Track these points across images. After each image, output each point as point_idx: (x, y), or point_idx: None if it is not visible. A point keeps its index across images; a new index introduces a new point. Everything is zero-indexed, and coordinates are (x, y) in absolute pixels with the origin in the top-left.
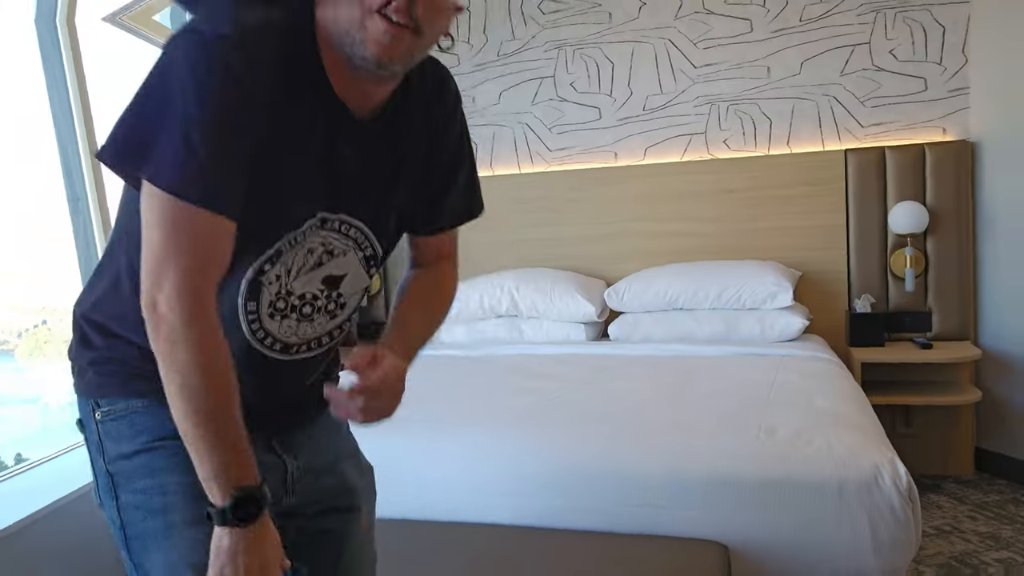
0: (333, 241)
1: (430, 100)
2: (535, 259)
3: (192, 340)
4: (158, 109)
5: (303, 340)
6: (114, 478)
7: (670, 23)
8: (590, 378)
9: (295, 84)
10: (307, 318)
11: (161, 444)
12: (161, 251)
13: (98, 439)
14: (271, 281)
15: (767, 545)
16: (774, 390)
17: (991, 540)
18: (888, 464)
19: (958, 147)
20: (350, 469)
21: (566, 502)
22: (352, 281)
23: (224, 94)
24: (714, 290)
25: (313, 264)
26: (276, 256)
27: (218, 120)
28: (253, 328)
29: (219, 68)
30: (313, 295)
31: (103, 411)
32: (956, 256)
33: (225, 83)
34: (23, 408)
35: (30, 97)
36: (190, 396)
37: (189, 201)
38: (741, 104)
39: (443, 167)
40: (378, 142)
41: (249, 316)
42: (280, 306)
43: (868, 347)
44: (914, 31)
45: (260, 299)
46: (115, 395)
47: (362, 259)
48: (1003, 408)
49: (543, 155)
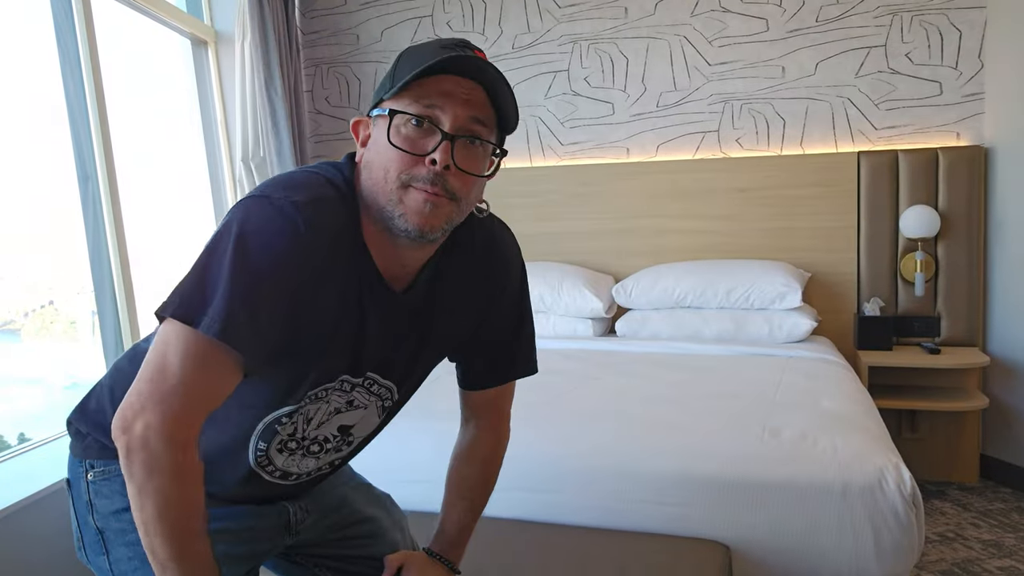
0: (357, 397)
1: (482, 275)
2: (544, 253)
3: (176, 470)
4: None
5: (304, 471)
6: (104, 534)
7: (686, 20)
8: (596, 374)
9: (339, 256)
10: (314, 455)
11: None
12: (169, 376)
13: (88, 499)
14: (287, 428)
15: (769, 546)
16: (780, 391)
17: (994, 548)
18: (893, 468)
19: (972, 152)
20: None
21: (568, 497)
22: (365, 426)
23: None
24: (723, 289)
25: (332, 413)
26: (295, 411)
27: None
28: (259, 458)
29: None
30: (325, 438)
31: (97, 471)
32: (967, 262)
33: (281, 247)
34: (28, 388)
35: (42, 76)
36: (165, 521)
37: (212, 335)
38: (755, 103)
39: (495, 334)
40: (410, 315)
41: (258, 452)
42: (291, 446)
43: (876, 350)
44: (930, 35)
45: (272, 440)
46: (112, 458)
47: (380, 408)
48: (1010, 415)
49: (555, 149)
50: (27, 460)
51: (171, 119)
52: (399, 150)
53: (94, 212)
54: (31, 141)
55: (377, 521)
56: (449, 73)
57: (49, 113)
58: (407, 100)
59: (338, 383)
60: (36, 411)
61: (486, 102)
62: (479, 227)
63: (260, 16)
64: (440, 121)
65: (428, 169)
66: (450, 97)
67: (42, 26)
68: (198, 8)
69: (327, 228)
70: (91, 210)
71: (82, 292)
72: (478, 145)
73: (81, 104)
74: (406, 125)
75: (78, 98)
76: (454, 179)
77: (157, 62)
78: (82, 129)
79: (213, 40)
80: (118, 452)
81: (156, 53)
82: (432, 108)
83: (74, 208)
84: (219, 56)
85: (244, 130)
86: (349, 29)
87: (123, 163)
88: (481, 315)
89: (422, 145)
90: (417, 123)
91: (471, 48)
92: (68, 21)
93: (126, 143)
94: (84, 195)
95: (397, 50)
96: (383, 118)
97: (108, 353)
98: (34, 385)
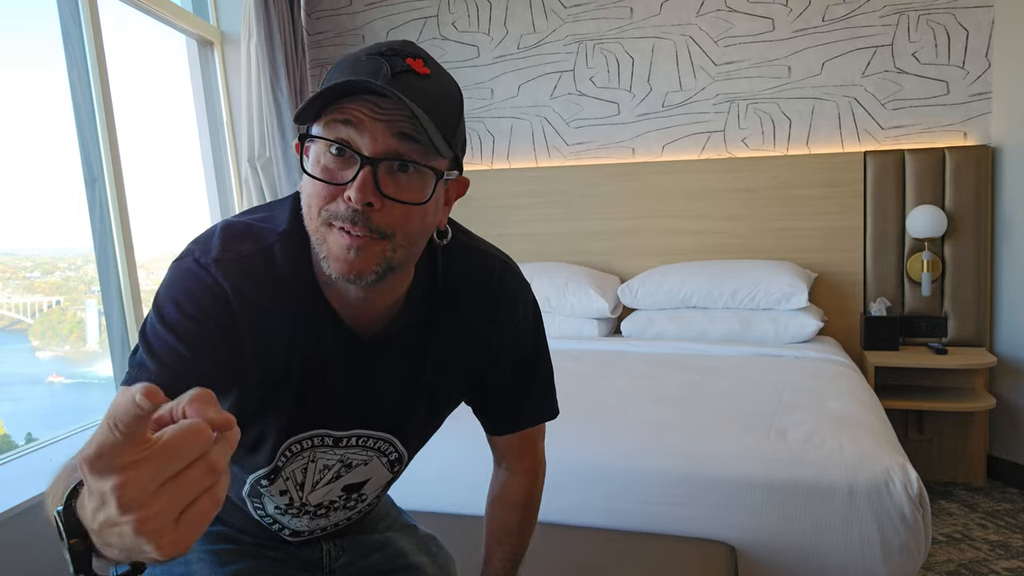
0: (351, 456)
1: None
2: (549, 253)
3: None
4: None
5: (318, 527)
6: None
7: (691, 20)
8: (601, 374)
9: (285, 300)
10: (323, 515)
11: None
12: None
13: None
14: (273, 494)
15: (775, 547)
16: (786, 391)
17: (1001, 549)
18: (899, 469)
19: (978, 152)
20: (404, 543)
21: (573, 498)
22: (375, 482)
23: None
24: (728, 289)
25: (331, 478)
26: (273, 474)
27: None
28: (266, 522)
29: (200, 286)
30: (332, 501)
31: None
32: (973, 262)
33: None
34: (35, 388)
35: (48, 77)
36: None
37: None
38: (761, 103)
39: (504, 379)
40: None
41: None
42: (293, 512)
43: (882, 351)
44: (937, 34)
45: (264, 501)
46: None
47: (387, 463)
48: (1017, 416)
49: (560, 149)
50: (34, 460)
51: (177, 120)
52: (317, 181)
53: (101, 214)
54: (36, 142)
55: (421, 569)
56: (363, 95)
57: (56, 115)
58: (323, 123)
59: (316, 438)
60: (43, 411)
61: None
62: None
63: (266, 17)
64: (358, 146)
65: (346, 205)
66: (368, 115)
67: (49, 28)
68: (204, 9)
69: (258, 278)
70: (98, 212)
71: (89, 293)
72: (412, 169)
73: (88, 106)
74: (326, 154)
75: (85, 100)
76: (380, 215)
77: (163, 63)
78: (89, 131)
79: (219, 41)
80: None
81: (162, 54)
82: (349, 130)
83: (81, 209)
84: (225, 57)
85: (250, 131)
86: (355, 30)
87: (129, 164)
88: (482, 364)
89: (341, 175)
90: (337, 152)
91: (403, 55)
92: (75, 23)
93: (132, 144)
94: (91, 197)
95: None
96: (308, 146)
97: (114, 354)
98: (41, 385)
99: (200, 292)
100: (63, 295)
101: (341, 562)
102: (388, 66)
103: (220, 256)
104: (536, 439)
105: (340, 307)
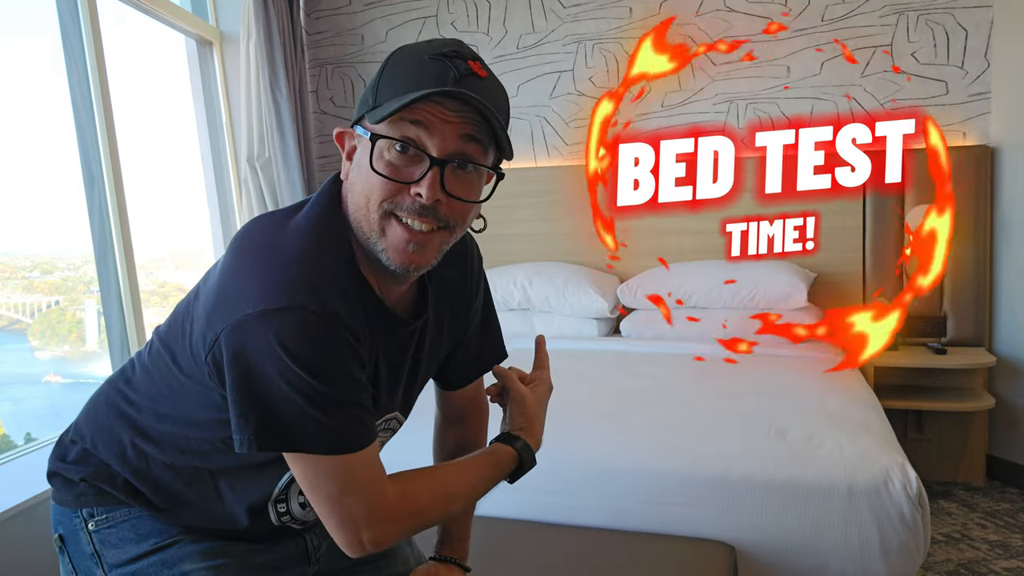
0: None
1: (455, 280)
2: (549, 253)
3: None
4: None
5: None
6: None
7: (691, 20)
8: (601, 374)
9: (356, 306)
10: None
11: (173, 541)
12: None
13: (93, 550)
14: None
15: (774, 547)
16: (786, 391)
17: (1001, 548)
18: (898, 469)
19: (978, 152)
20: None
21: (573, 498)
22: None
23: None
24: (728, 289)
25: None
26: None
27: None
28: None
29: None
30: None
31: (98, 519)
32: (973, 262)
33: (324, 348)
34: (34, 388)
35: (47, 77)
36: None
37: (350, 451)
38: (760, 103)
39: (469, 332)
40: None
41: (279, 507)
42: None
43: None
44: (936, 34)
45: (289, 494)
46: (112, 503)
47: (390, 435)
48: (1016, 416)
49: (560, 149)
50: (33, 460)
51: (176, 120)
52: (382, 177)
53: (100, 214)
54: (35, 142)
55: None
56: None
57: (55, 115)
58: (389, 122)
59: None
60: (42, 411)
61: (480, 120)
62: None
63: (265, 16)
64: (427, 147)
65: (413, 200)
66: (438, 118)
67: (48, 28)
68: (203, 9)
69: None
70: (97, 212)
71: (88, 293)
72: (471, 169)
73: (87, 106)
74: (390, 150)
75: (84, 100)
76: (445, 208)
77: (162, 63)
78: (88, 131)
79: (218, 41)
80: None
81: (161, 54)
82: (418, 130)
83: (80, 209)
84: (224, 56)
85: (249, 130)
86: (354, 29)
87: (128, 164)
88: (468, 319)
89: (407, 172)
90: (402, 148)
91: (464, 57)
92: (74, 23)
93: (131, 145)
94: (90, 197)
95: None
96: (366, 140)
97: (113, 354)
98: (40, 385)
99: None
100: (62, 295)
101: (323, 550)
102: (455, 70)
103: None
104: (481, 384)
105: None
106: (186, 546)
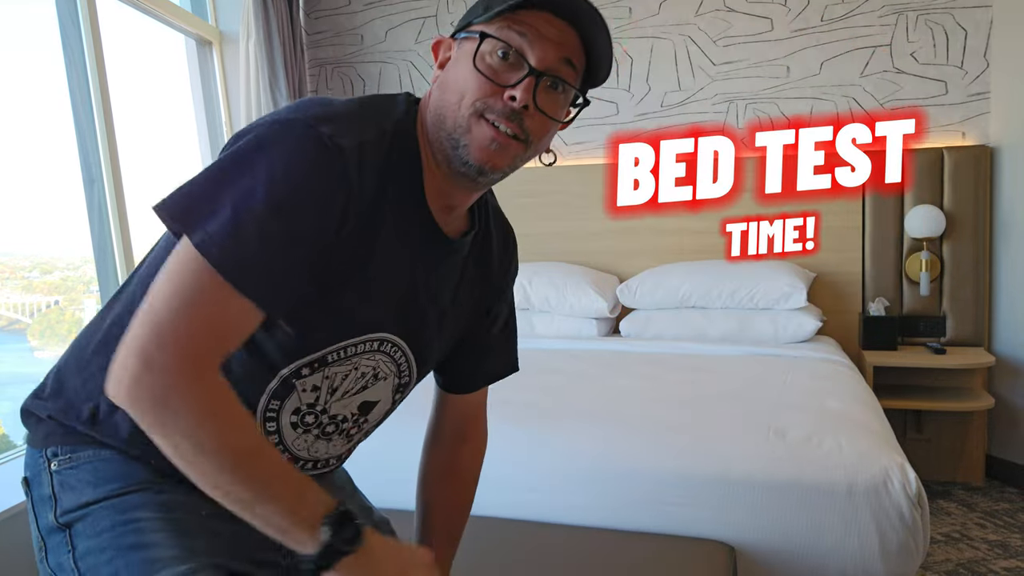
0: (382, 365)
1: (499, 245)
2: (548, 253)
3: (196, 398)
4: (233, 179)
5: (311, 458)
6: (71, 528)
7: (690, 20)
8: (600, 374)
9: (391, 192)
10: (327, 437)
11: (135, 488)
12: (179, 307)
13: (51, 492)
14: (306, 388)
15: (773, 547)
16: (785, 391)
17: (1000, 548)
18: (898, 469)
19: (977, 152)
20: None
21: (572, 498)
22: (381, 408)
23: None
24: (727, 289)
25: (360, 388)
26: (319, 363)
27: (289, 209)
28: (268, 428)
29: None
30: (344, 417)
31: (61, 459)
32: (972, 262)
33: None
34: (33, 388)
35: (47, 77)
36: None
37: (230, 281)
38: (760, 103)
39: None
40: (453, 264)
41: (268, 414)
42: (308, 420)
43: (881, 351)
44: (936, 34)
45: (285, 403)
46: (78, 443)
47: (395, 386)
48: (1016, 416)
49: (560, 149)
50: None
51: (176, 120)
52: (481, 75)
53: (99, 214)
54: (34, 142)
55: None
56: (545, 10)
57: (54, 115)
58: (497, 27)
59: (367, 342)
60: None
61: (579, 47)
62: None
63: (264, 16)
64: (528, 56)
65: (505, 104)
66: (542, 34)
67: (48, 28)
68: (203, 9)
69: (372, 167)
70: (96, 212)
71: (88, 293)
72: (560, 90)
73: (87, 106)
74: (492, 55)
75: (83, 100)
76: (531, 120)
77: (162, 63)
78: (87, 131)
79: (218, 40)
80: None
81: (161, 54)
82: (522, 40)
83: (79, 210)
84: (224, 56)
85: None
86: (353, 29)
87: (128, 164)
88: (491, 298)
89: (505, 77)
90: (503, 55)
91: None
92: (73, 23)
93: (131, 145)
94: (90, 197)
95: (402, 50)
96: (470, 41)
97: None
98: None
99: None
100: (62, 295)
101: None
102: None
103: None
104: (485, 403)
105: (431, 202)
106: (147, 495)
